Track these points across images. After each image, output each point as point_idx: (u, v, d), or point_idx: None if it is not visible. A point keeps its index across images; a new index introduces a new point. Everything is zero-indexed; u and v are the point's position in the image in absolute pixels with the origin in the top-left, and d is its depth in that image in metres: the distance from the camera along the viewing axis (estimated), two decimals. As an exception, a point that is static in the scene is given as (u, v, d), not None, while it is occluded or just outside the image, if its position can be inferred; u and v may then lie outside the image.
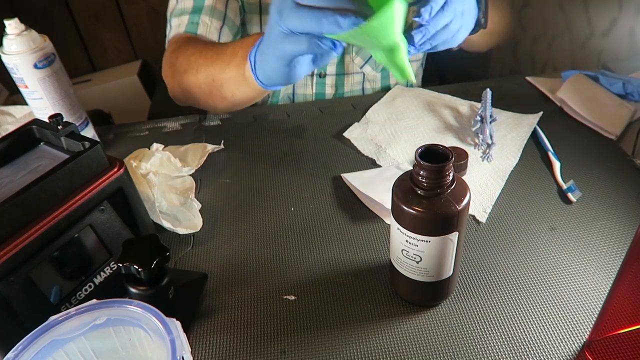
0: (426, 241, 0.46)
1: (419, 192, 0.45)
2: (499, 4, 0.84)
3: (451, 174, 0.45)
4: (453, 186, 0.46)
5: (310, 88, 0.95)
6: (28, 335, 0.38)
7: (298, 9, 0.47)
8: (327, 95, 0.97)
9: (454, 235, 0.46)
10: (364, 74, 0.96)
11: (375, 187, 0.67)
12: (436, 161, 0.44)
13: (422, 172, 0.44)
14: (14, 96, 1.61)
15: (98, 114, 1.45)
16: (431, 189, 0.45)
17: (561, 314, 0.52)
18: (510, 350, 0.49)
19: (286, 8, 0.48)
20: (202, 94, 0.73)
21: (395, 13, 0.45)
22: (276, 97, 0.97)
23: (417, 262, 0.49)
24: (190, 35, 0.80)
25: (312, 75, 0.94)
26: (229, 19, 0.82)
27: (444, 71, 1.28)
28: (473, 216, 0.64)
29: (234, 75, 0.65)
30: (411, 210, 0.45)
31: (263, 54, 0.57)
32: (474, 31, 0.72)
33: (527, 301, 0.54)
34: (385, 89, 0.96)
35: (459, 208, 0.45)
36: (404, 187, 0.47)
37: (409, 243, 0.47)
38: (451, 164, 0.44)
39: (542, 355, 0.49)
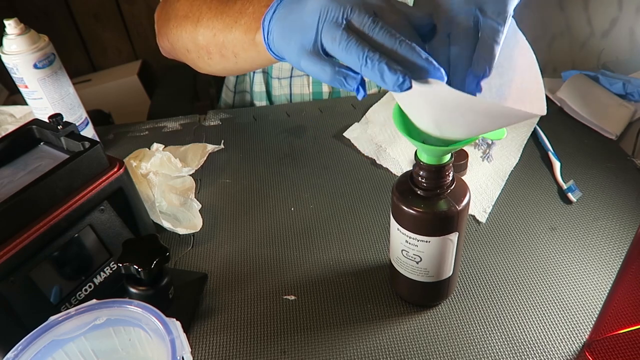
0: (426, 241, 0.46)
1: (418, 192, 0.45)
2: None
3: (451, 174, 0.45)
4: (453, 186, 0.46)
5: (307, 88, 0.96)
6: (28, 335, 0.38)
7: (345, 34, 0.37)
8: (324, 94, 0.97)
9: (454, 236, 0.46)
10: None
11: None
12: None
13: (421, 172, 0.44)
14: (14, 96, 1.61)
15: (98, 114, 1.45)
16: (431, 189, 0.45)
17: (561, 314, 0.52)
18: (510, 350, 0.49)
19: (331, 27, 0.37)
20: (196, 48, 0.62)
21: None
22: (274, 98, 0.97)
23: (417, 263, 0.49)
24: None
25: (308, 74, 0.93)
26: None
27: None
28: (473, 216, 0.64)
29: (240, 37, 0.55)
30: (411, 211, 0.45)
31: (284, 34, 0.44)
32: None
33: (527, 301, 0.54)
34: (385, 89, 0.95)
35: (459, 208, 0.45)
36: (404, 187, 0.47)
37: (409, 243, 0.47)
38: (451, 164, 0.44)
39: (542, 355, 0.48)
